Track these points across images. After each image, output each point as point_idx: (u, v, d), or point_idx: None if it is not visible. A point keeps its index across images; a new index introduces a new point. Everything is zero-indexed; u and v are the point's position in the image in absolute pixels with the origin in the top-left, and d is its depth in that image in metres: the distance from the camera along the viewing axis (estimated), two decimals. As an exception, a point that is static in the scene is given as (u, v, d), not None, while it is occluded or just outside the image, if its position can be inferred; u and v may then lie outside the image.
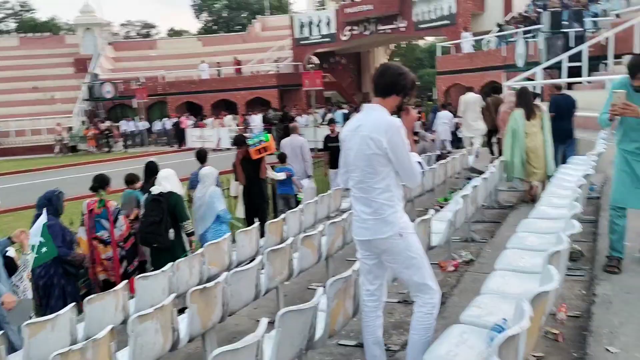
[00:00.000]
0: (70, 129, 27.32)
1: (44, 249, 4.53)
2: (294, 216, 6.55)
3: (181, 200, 5.72)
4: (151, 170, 6.12)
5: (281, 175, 8.67)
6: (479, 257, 5.50)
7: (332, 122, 10.94)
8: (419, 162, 2.99)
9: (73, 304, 3.91)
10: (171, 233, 5.50)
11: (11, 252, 4.48)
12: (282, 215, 6.48)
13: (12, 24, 52.64)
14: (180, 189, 5.78)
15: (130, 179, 6.15)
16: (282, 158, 9.16)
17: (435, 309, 2.99)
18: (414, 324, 3.00)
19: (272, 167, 8.49)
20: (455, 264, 5.33)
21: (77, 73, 33.36)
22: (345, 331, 3.99)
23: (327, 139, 10.25)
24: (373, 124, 2.89)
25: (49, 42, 37.49)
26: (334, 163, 9.76)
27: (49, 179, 16.04)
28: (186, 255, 5.31)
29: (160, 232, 5.40)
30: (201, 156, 7.18)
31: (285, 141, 9.85)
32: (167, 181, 5.63)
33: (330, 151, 9.95)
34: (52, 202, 5.09)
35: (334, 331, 3.23)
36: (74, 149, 26.76)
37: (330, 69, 31.76)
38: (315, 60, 30.08)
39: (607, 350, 3.04)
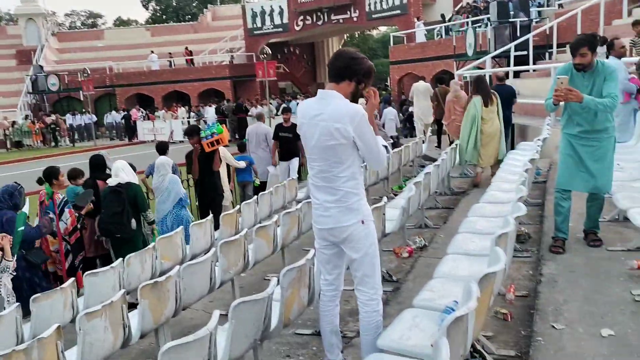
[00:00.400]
0: (13, 123, 26.18)
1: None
2: (249, 207, 6.49)
3: (140, 190, 5.82)
4: (96, 165, 5.95)
5: (242, 164, 8.87)
6: (432, 243, 5.61)
7: (286, 110, 10.05)
8: (385, 146, 2.95)
9: (17, 304, 3.76)
10: (133, 223, 5.55)
11: None
12: (237, 207, 6.42)
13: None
14: (136, 179, 5.85)
15: (73, 175, 5.98)
16: (242, 147, 9.31)
17: (380, 305, 2.98)
18: (364, 325, 2.98)
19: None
20: (409, 250, 5.41)
21: (20, 65, 32.02)
22: (302, 320, 3.99)
23: (279, 128, 9.58)
24: (336, 113, 2.79)
25: (-11, 33, 35.79)
26: (283, 154, 9.40)
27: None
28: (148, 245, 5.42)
29: (122, 223, 5.45)
30: (161, 148, 7.28)
31: (250, 129, 10.19)
32: (124, 172, 5.66)
33: (280, 141, 9.40)
34: (13, 197, 5.01)
35: (289, 320, 3.22)
36: (18, 144, 25.69)
37: (284, 59, 31.58)
38: (269, 50, 29.91)
39: (553, 327, 3.15)
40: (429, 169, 6.50)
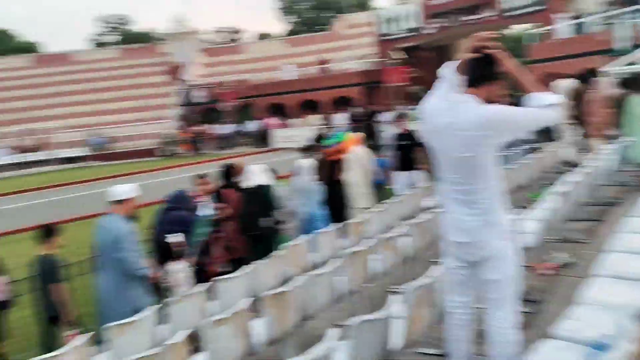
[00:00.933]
0: (164, 134, 28.75)
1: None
2: (375, 216, 6.37)
3: (273, 191, 6.13)
4: (226, 173, 6.25)
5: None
6: (576, 260, 5.05)
7: (401, 117, 9.27)
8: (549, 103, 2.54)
9: (157, 306, 3.99)
10: (267, 221, 5.87)
11: (173, 237, 4.81)
12: (364, 215, 6.34)
13: (112, 37, 56.41)
14: (270, 181, 6.19)
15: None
16: (375, 150, 9.12)
17: (516, 334, 2.66)
18: (495, 357, 2.67)
19: None
20: (550, 267, 4.92)
21: (171, 80, 35.08)
22: (428, 339, 3.77)
23: (398, 137, 8.91)
24: (472, 121, 2.51)
25: (146, 52, 39.64)
26: (402, 164, 8.74)
27: (150, 180, 16.82)
28: (282, 242, 5.78)
29: (257, 221, 5.80)
30: (306, 150, 7.51)
31: (390, 134, 9.86)
32: (259, 175, 6.03)
33: (401, 151, 8.69)
34: (183, 200, 5.54)
35: (412, 340, 3.03)
36: (169, 153, 28.14)
37: (416, 63, 31.06)
38: (400, 55, 29.61)
39: None
40: (574, 175, 5.90)
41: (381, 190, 9.33)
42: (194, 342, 3.59)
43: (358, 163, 7.89)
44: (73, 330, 4.62)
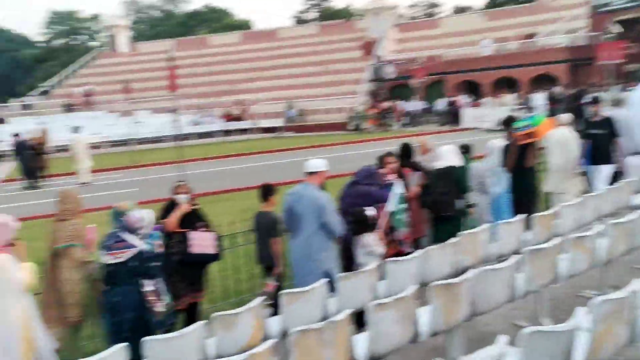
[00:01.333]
0: (354, 108, 29.52)
1: (399, 216, 5.37)
2: (568, 210, 5.75)
3: (463, 173, 6.00)
4: (404, 152, 6.14)
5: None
6: None
7: (595, 101, 8.23)
8: None
9: (326, 280, 4.11)
10: (458, 203, 5.78)
11: (370, 211, 5.01)
12: (554, 208, 5.76)
13: (313, 14, 59.22)
14: (460, 162, 6.05)
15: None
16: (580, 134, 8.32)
17: None
18: None
19: None
20: None
21: (364, 55, 35.72)
22: (618, 359, 3.30)
23: (588, 124, 7.88)
24: None
25: (342, 28, 40.91)
26: (595, 155, 7.59)
27: (337, 154, 17.44)
28: (470, 226, 5.63)
29: (447, 202, 5.72)
30: (498, 131, 7.23)
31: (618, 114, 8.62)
32: (450, 156, 5.93)
33: (594, 140, 7.60)
34: (372, 177, 5.61)
35: (598, 359, 2.66)
36: (357, 127, 28.88)
37: (637, 38, 27.19)
38: (617, 29, 26.12)
39: None
40: None
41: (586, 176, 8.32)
42: (361, 318, 3.63)
43: (560, 147, 7.07)
44: (273, 282, 4.97)
